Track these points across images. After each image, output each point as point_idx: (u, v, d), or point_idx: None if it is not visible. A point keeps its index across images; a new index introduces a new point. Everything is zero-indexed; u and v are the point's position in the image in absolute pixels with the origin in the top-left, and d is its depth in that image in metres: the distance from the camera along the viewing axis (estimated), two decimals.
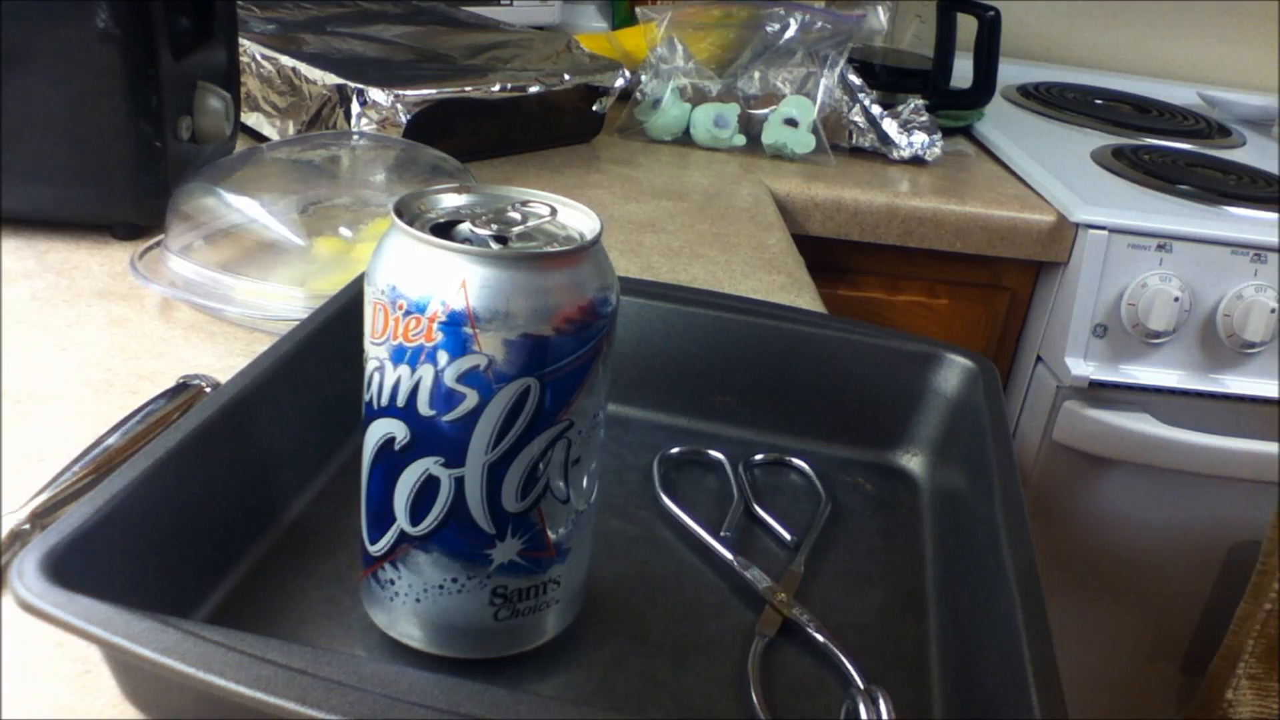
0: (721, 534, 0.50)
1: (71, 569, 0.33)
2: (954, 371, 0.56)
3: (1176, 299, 1.03)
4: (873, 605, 0.48)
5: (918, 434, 0.57)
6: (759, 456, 0.56)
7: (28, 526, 0.44)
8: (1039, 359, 1.12)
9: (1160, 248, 1.04)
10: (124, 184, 0.71)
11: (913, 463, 0.57)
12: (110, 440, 0.48)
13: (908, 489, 0.56)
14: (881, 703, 0.40)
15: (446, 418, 0.36)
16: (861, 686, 0.41)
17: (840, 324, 0.59)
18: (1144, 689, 1.24)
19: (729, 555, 0.48)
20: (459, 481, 0.36)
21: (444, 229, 0.37)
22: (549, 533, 0.39)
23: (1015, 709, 0.34)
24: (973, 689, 0.40)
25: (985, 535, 0.44)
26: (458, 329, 0.34)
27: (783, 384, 0.58)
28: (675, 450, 0.56)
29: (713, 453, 0.56)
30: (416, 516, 0.37)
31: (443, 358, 0.35)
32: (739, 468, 0.55)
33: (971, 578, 0.45)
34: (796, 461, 0.57)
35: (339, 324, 0.50)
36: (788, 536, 0.51)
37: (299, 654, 0.31)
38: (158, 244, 0.67)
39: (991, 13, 1.16)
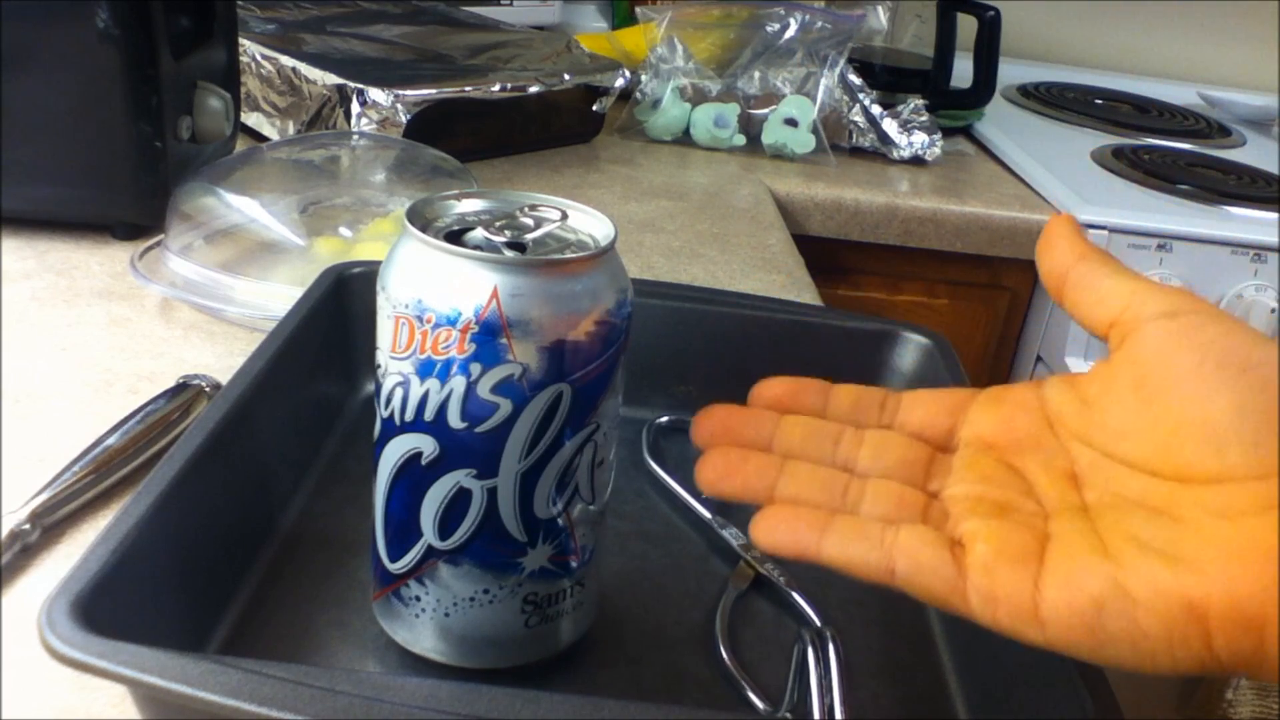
0: (703, 496, 0.51)
1: (101, 613, 0.32)
2: (909, 348, 0.57)
3: None
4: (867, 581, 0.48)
5: None
6: None
7: (28, 526, 0.44)
8: (1039, 359, 1.12)
9: (1160, 247, 1.04)
10: (124, 184, 0.71)
11: None
12: (110, 440, 0.48)
13: None
14: (831, 641, 0.41)
15: (479, 429, 0.35)
16: (818, 625, 0.43)
17: (797, 308, 0.60)
18: (1144, 689, 1.24)
19: (707, 514, 0.50)
20: (491, 492, 0.36)
21: (457, 236, 0.37)
22: (576, 536, 0.39)
23: (1047, 666, 0.35)
24: (989, 651, 0.41)
25: None
26: (492, 339, 0.34)
27: (742, 370, 0.58)
28: (664, 419, 0.58)
29: None
30: (446, 530, 0.37)
31: (475, 369, 0.34)
32: None
33: None
34: None
35: (307, 339, 0.50)
36: None
37: (368, 683, 0.31)
38: (158, 244, 0.67)
39: (991, 13, 1.16)
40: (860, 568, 0.31)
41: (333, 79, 0.88)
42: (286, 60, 0.91)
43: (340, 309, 0.54)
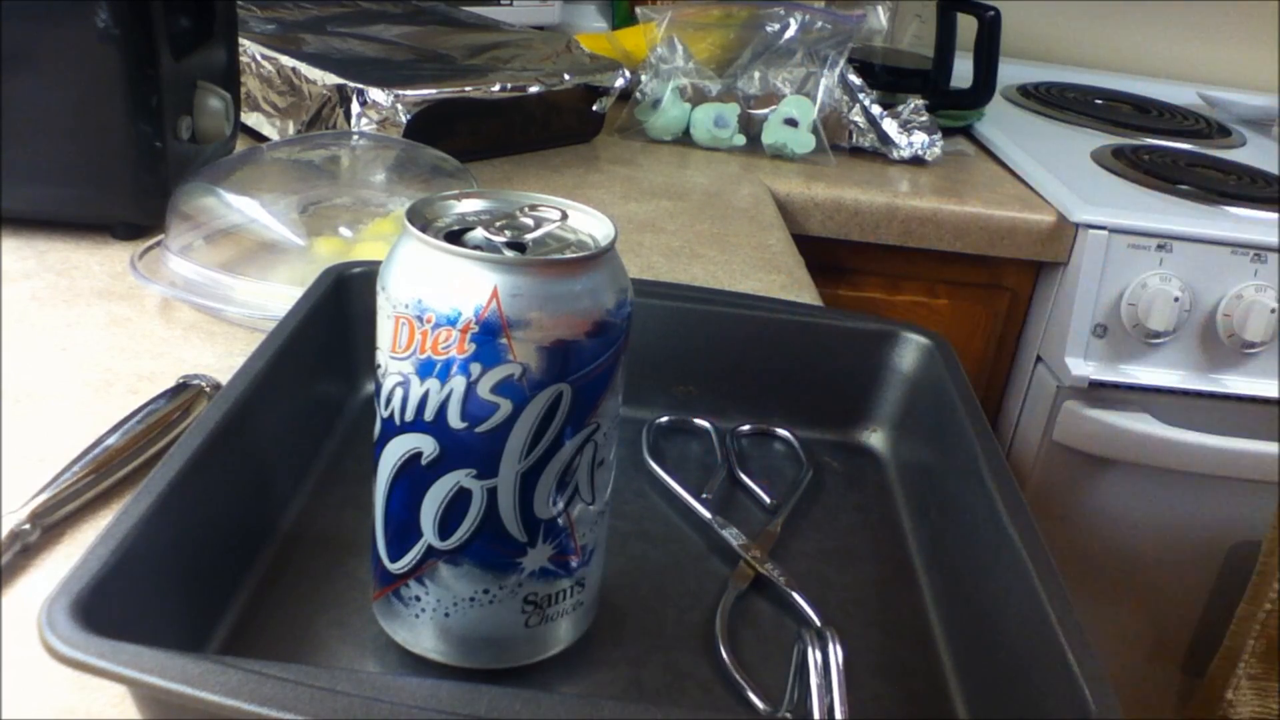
0: (703, 496, 0.52)
1: (101, 613, 0.32)
2: (910, 348, 0.57)
3: (1176, 299, 1.03)
4: (866, 579, 0.48)
5: (877, 411, 0.58)
6: (746, 427, 0.58)
7: (28, 526, 0.44)
8: (1039, 359, 1.12)
9: (1160, 248, 1.04)
10: (124, 184, 0.71)
11: (873, 439, 0.58)
12: (110, 440, 0.48)
13: (872, 465, 0.57)
14: (831, 641, 0.41)
15: (479, 429, 0.35)
16: (818, 625, 0.43)
17: (797, 308, 0.60)
18: (1144, 689, 1.24)
19: (707, 514, 0.50)
20: (491, 492, 0.36)
21: (456, 236, 0.37)
22: (576, 535, 0.39)
23: (1047, 666, 0.36)
24: (989, 651, 0.41)
25: (978, 503, 0.45)
26: (492, 339, 0.34)
27: (742, 369, 0.59)
28: (664, 419, 0.58)
29: (699, 421, 0.58)
30: (446, 530, 0.37)
31: (475, 369, 0.35)
32: (725, 438, 0.57)
33: (967, 546, 0.46)
34: (781, 432, 0.58)
35: (307, 339, 0.50)
36: (767, 500, 0.53)
37: (368, 683, 0.31)
38: (158, 244, 0.67)
39: (991, 13, 1.16)
40: None
41: (333, 79, 0.88)
42: (286, 60, 0.91)
43: (340, 309, 0.54)
